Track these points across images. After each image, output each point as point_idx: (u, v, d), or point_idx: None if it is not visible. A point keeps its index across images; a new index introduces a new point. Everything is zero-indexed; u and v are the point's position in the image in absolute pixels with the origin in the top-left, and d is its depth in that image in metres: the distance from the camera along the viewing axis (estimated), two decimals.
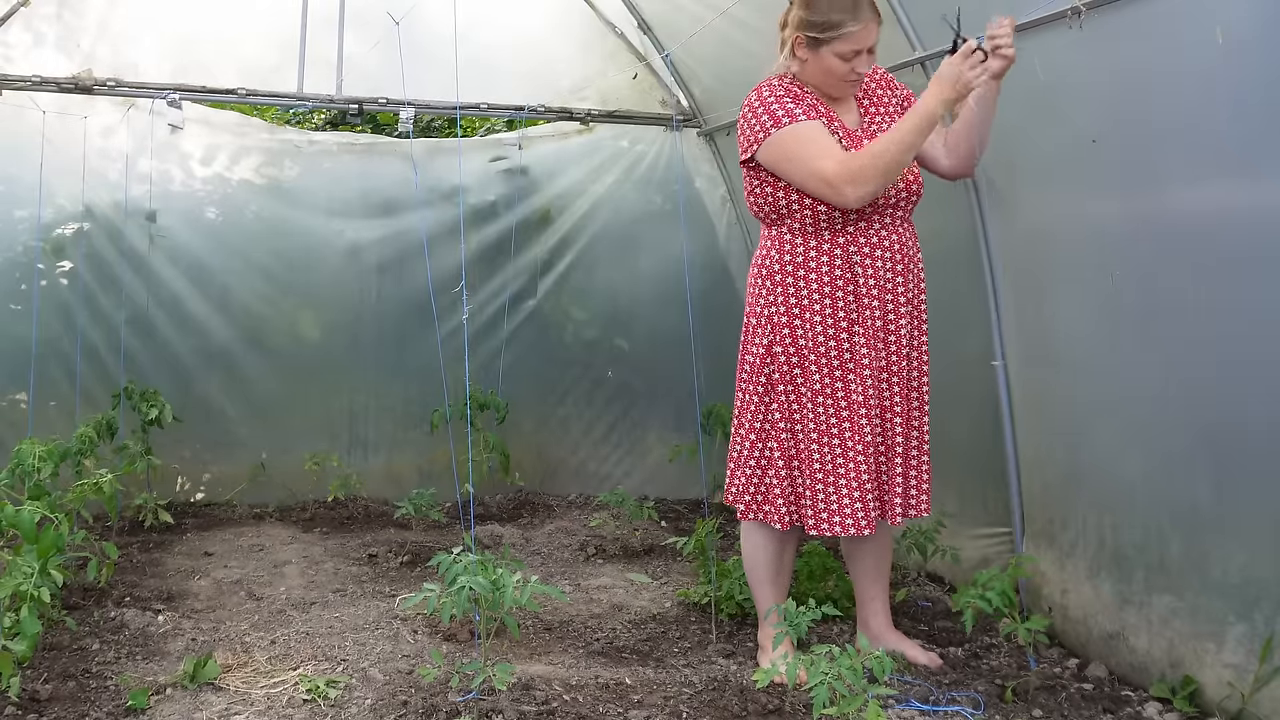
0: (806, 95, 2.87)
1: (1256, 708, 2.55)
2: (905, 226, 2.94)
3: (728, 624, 3.42)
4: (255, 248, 4.96)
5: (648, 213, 5.27)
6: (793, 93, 2.85)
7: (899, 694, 2.81)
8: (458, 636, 3.28)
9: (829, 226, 2.85)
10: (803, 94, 2.86)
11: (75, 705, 2.71)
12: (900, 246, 2.90)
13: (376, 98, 4.69)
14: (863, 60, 2.78)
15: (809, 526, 2.90)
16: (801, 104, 2.83)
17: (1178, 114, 2.63)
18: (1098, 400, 3.04)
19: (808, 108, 2.83)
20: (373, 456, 5.16)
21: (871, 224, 2.87)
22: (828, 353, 2.87)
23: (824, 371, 2.87)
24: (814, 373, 2.87)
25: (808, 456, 2.89)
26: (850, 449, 2.86)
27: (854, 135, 2.88)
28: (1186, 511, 2.75)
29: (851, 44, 2.75)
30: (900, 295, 2.91)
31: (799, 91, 2.87)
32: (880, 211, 2.86)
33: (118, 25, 4.64)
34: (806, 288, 2.86)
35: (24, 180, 4.54)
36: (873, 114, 2.95)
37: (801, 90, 2.87)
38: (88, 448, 4.00)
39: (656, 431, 5.32)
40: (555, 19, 5.13)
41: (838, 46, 2.75)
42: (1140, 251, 2.81)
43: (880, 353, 2.88)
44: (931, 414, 3.04)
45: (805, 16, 2.77)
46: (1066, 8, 2.77)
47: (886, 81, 3.01)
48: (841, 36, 2.74)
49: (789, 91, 2.85)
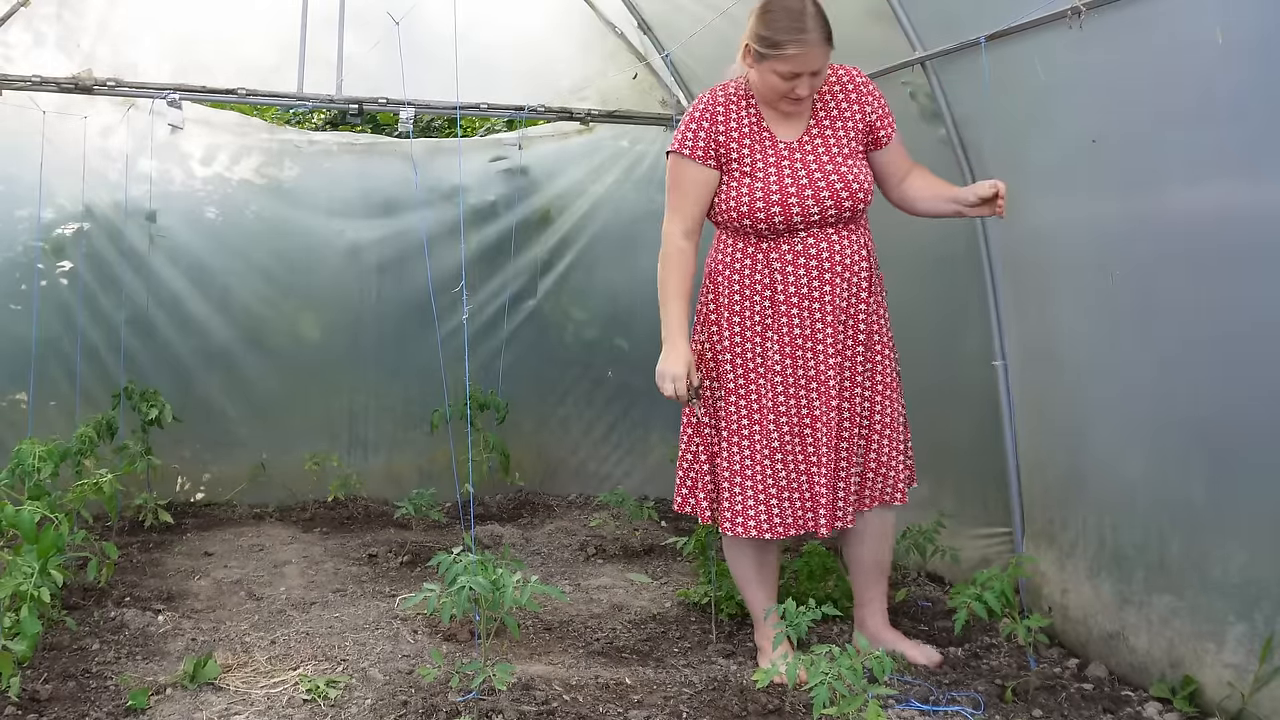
0: (738, 112, 2.84)
1: (1256, 708, 2.55)
2: (843, 235, 2.86)
3: (728, 624, 3.42)
4: (255, 248, 4.96)
5: (648, 213, 5.26)
6: (716, 113, 2.84)
7: (899, 694, 2.81)
8: (458, 636, 3.28)
9: (753, 231, 2.86)
10: (734, 110, 2.84)
11: (75, 705, 2.71)
12: (832, 255, 2.85)
13: (376, 98, 4.69)
14: (804, 83, 2.71)
15: (721, 525, 2.95)
16: (712, 130, 2.82)
17: (1178, 114, 2.62)
18: (1098, 400, 3.04)
19: (720, 135, 2.82)
20: (373, 456, 5.16)
21: (796, 233, 2.84)
22: (741, 354, 2.89)
23: (737, 372, 2.90)
24: (728, 372, 2.91)
25: (723, 454, 2.93)
26: (757, 451, 2.87)
27: (781, 154, 2.82)
28: (1186, 511, 2.74)
29: (791, 65, 2.68)
30: (828, 303, 2.84)
31: (731, 108, 2.84)
32: (807, 224, 2.84)
33: (118, 25, 4.64)
34: (728, 288, 2.91)
35: (24, 180, 4.54)
36: (823, 125, 2.86)
37: (738, 104, 2.85)
38: (88, 448, 4.01)
39: (657, 431, 5.32)
40: (555, 19, 5.12)
41: (777, 65, 2.69)
42: (1140, 251, 2.81)
43: (801, 361, 2.86)
44: (932, 414, 3.04)
45: (755, 29, 2.72)
46: (1066, 8, 2.77)
47: (858, 89, 2.90)
48: (781, 57, 2.67)
49: (714, 110, 2.84)
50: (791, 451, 2.88)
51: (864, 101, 2.90)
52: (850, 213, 2.85)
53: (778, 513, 2.88)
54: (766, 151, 2.83)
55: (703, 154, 2.84)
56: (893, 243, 3.32)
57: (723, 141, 2.84)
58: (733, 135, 2.84)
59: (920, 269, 3.61)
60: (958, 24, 3.18)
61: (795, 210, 2.80)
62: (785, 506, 2.89)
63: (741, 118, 2.85)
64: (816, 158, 2.83)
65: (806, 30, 2.64)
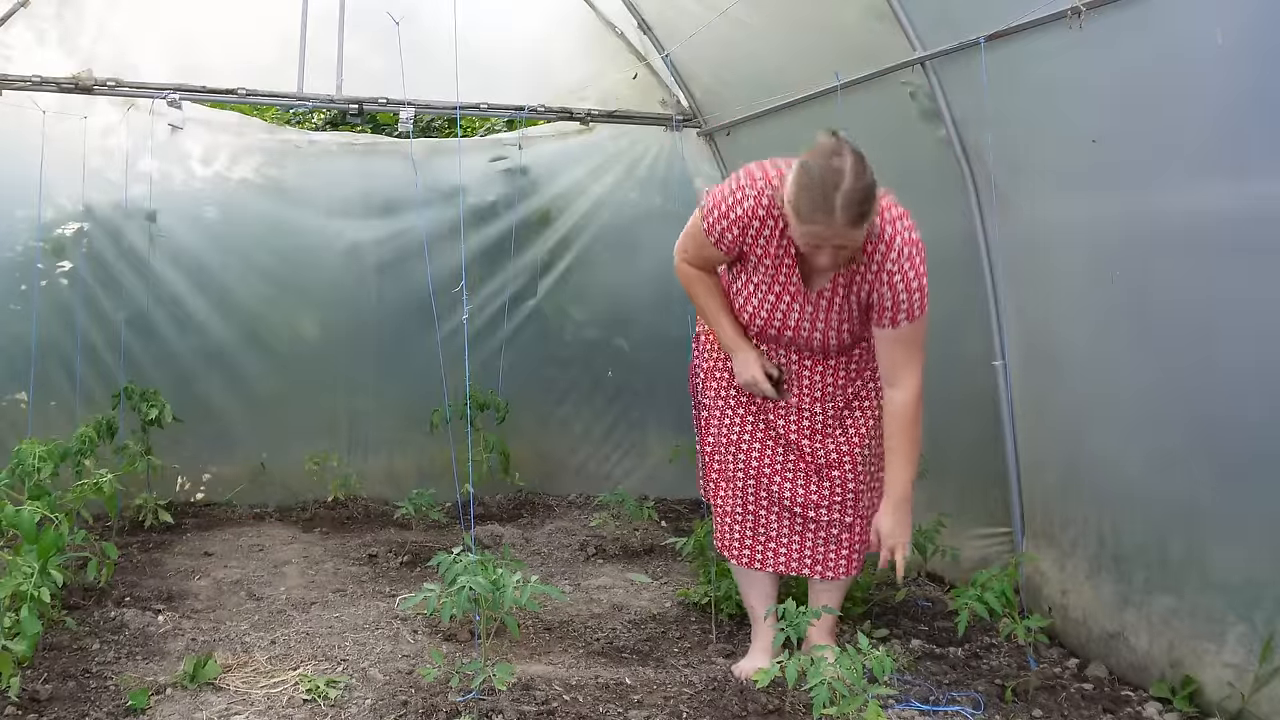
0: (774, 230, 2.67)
1: (1256, 708, 2.55)
2: (816, 363, 2.88)
3: (728, 624, 3.42)
4: (255, 248, 4.96)
5: (648, 213, 5.28)
6: (751, 225, 2.68)
7: (899, 694, 2.81)
8: (458, 636, 3.28)
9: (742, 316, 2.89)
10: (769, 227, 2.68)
11: (75, 705, 2.71)
12: (800, 372, 2.89)
13: (376, 98, 4.69)
14: (826, 254, 2.53)
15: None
16: (743, 238, 2.70)
17: (1178, 114, 2.62)
18: (1098, 400, 3.04)
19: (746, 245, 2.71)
20: (373, 456, 5.16)
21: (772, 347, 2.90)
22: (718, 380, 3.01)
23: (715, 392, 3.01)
24: (709, 389, 3.03)
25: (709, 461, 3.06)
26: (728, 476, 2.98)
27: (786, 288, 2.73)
28: (1186, 511, 2.75)
29: (810, 239, 2.51)
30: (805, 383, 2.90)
31: (769, 222, 2.67)
32: (783, 347, 2.88)
33: (118, 25, 4.64)
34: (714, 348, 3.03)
35: (24, 180, 4.54)
36: (839, 287, 2.70)
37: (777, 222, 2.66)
38: (88, 448, 4.00)
39: (656, 431, 5.32)
40: (555, 19, 5.13)
41: (800, 228, 2.51)
42: (1140, 251, 2.81)
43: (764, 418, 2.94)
44: (932, 414, 3.03)
45: (789, 186, 2.51)
46: (1066, 8, 2.77)
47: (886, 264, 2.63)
48: (803, 229, 2.50)
49: (751, 221, 2.68)
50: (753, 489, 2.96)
51: (880, 284, 2.65)
52: (826, 353, 2.87)
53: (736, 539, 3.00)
54: (778, 281, 2.76)
55: (726, 249, 2.77)
56: None
57: (747, 251, 2.75)
58: (755, 250, 2.73)
59: None
60: (958, 24, 3.18)
61: (773, 337, 2.86)
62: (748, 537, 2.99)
63: (771, 237, 2.70)
64: (815, 312, 2.76)
65: (833, 212, 2.42)
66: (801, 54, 3.96)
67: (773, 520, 2.96)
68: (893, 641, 3.26)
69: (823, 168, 2.44)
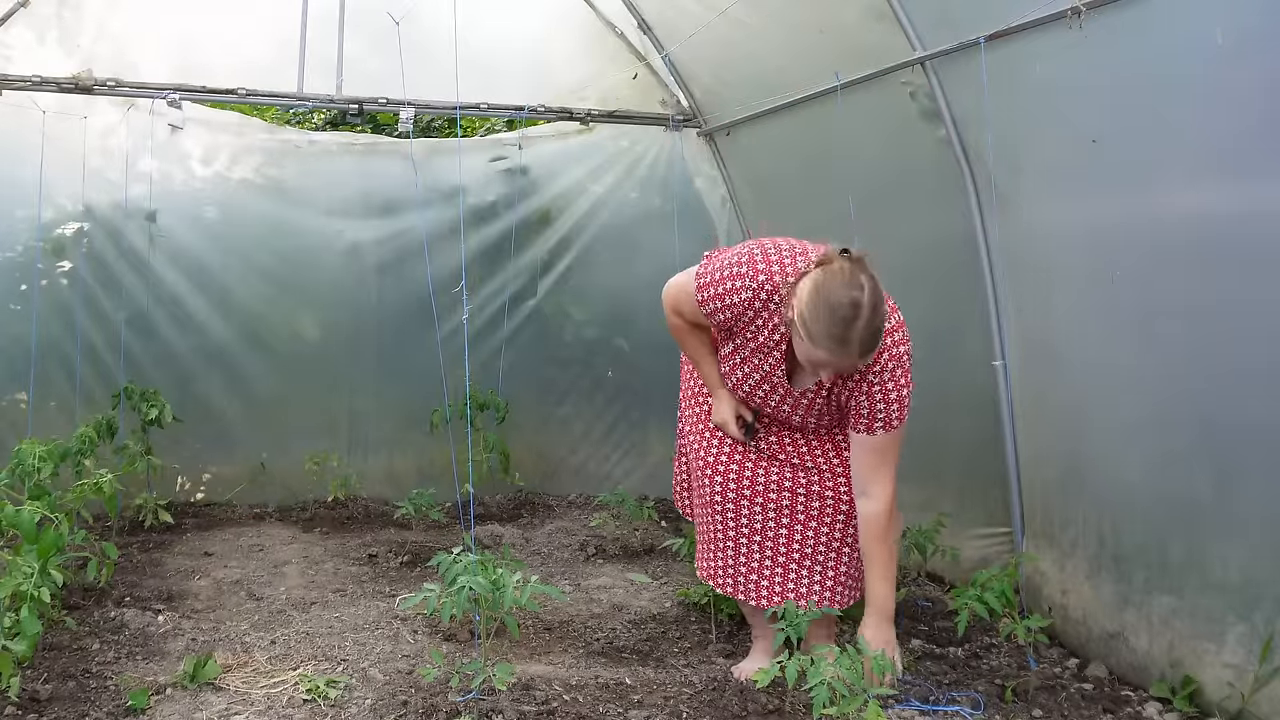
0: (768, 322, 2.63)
1: (1256, 708, 2.55)
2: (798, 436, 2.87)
3: (728, 624, 3.42)
4: (255, 248, 4.96)
5: (648, 213, 5.27)
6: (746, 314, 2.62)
7: (899, 694, 2.81)
8: (458, 636, 3.28)
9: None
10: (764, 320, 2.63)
11: (75, 705, 2.71)
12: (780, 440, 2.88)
13: (376, 98, 4.69)
14: (827, 373, 2.50)
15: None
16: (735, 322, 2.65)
17: (1178, 114, 2.63)
18: (1098, 400, 3.04)
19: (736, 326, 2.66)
20: (373, 456, 5.16)
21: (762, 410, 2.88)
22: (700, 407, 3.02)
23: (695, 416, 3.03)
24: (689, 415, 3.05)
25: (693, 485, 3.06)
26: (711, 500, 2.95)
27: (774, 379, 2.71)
28: (1186, 511, 2.75)
29: (815, 362, 2.46)
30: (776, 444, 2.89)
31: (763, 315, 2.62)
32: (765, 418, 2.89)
33: (118, 25, 4.64)
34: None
35: (24, 180, 4.54)
36: (823, 391, 2.69)
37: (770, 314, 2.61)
38: (88, 448, 4.00)
39: (656, 431, 5.32)
40: (555, 19, 5.13)
41: (805, 350, 2.45)
42: (1140, 251, 2.81)
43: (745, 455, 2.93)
44: (932, 414, 3.04)
45: (801, 305, 2.41)
46: (1066, 8, 2.77)
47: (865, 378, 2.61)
48: (813, 350, 2.42)
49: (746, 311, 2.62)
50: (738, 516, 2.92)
51: (864, 388, 2.62)
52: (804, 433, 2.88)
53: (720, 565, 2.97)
54: (759, 369, 2.73)
55: (716, 327, 2.77)
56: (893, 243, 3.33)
57: (736, 333, 2.72)
58: (746, 336, 2.70)
59: (920, 269, 3.60)
60: (958, 24, 3.18)
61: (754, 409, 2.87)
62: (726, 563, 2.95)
63: (763, 328, 2.66)
64: (795, 401, 2.74)
65: (849, 345, 2.37)
66: (801, 54, 3.96)
67: (754, 551, 2.89)
68: None
69: (840, 300, 2.34)
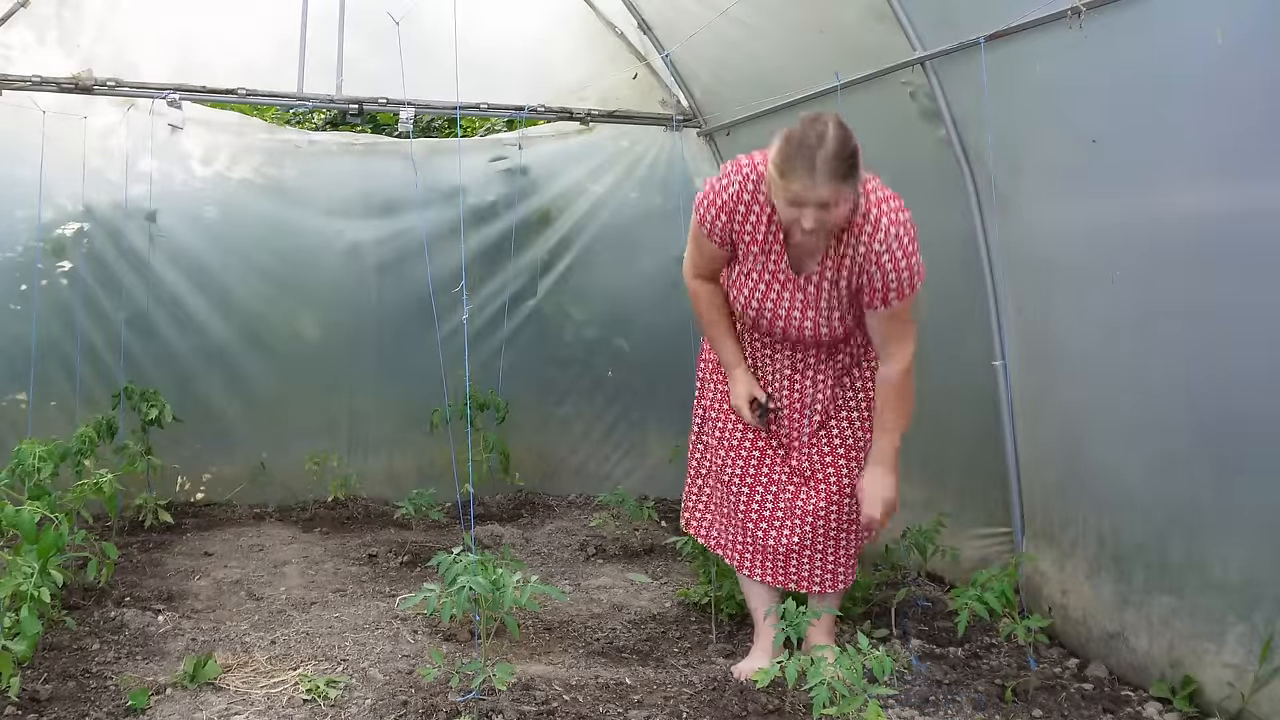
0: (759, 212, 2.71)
1: (1256, 708, 2.55)
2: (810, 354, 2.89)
3: (728, 624, 3.42)
4: (255, 248, 4.96)
5: (648, 213, 5.27)
6: (737, 210, 2.73)
7: (899, 694, 2.81)
8: (458, 636, 3.28)
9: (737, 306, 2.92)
10: (755, 210, 2.71)
11: (75, 705, 2.71)
12: (794, 363, 2.90)
13: (376, 98, 4.69)
14: (809, 215, 2.51)
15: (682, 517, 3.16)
16: (729, 225, 2.74)
17: (1178, 114, 2.63)
18: (1098, 400, 3.04)
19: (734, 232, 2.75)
20: (373, 456, 5.16)
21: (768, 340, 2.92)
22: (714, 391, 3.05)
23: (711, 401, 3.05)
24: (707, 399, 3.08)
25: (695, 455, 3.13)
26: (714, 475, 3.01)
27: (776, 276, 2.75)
28: (1186, 511, 2.75)
29: (793, 192, 2.50)
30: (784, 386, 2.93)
31: (754, 207, 2.71)
32: (777, 339, 2.90)
33: (118, 25, 4.64)
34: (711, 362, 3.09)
35: (24, 180, 4.54)
36: (826, 269, 2.71)
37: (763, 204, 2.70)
38: (88, 448, 4.00)
39: (656, 431, 5.32)
40: (555, 19, 5.13)
41: (784, 185, 2.51)
42: (1140, 252, 2.81)
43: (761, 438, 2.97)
44: (932, 414, 3.04)
45: (774, 150, 2.54)
46: (1066, 8, 2.77)
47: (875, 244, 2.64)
48: (787, 187, 2.50)
49: (736, 206, 2.73)
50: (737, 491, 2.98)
51: (869, 264, 2.66)
52: (819, 344, 2.87)
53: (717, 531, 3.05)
54: (767, 268, 2.77)
55: (719, 240, 2.81)
56: None
57: (735, 238, 2.79)
58: (744, 236, 2.77)
59: None
60: (958, 24, 3.18)
61: (764, 327, 2.87)
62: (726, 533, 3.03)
63: (759, 223, 2.73)
64: (805, 299, 2.76)
65: (815, 169, 2.45)
66: (801, 54, 3.96)
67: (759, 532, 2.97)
68: (893, 641, 3.26)
69: (805, 131, 2.49)
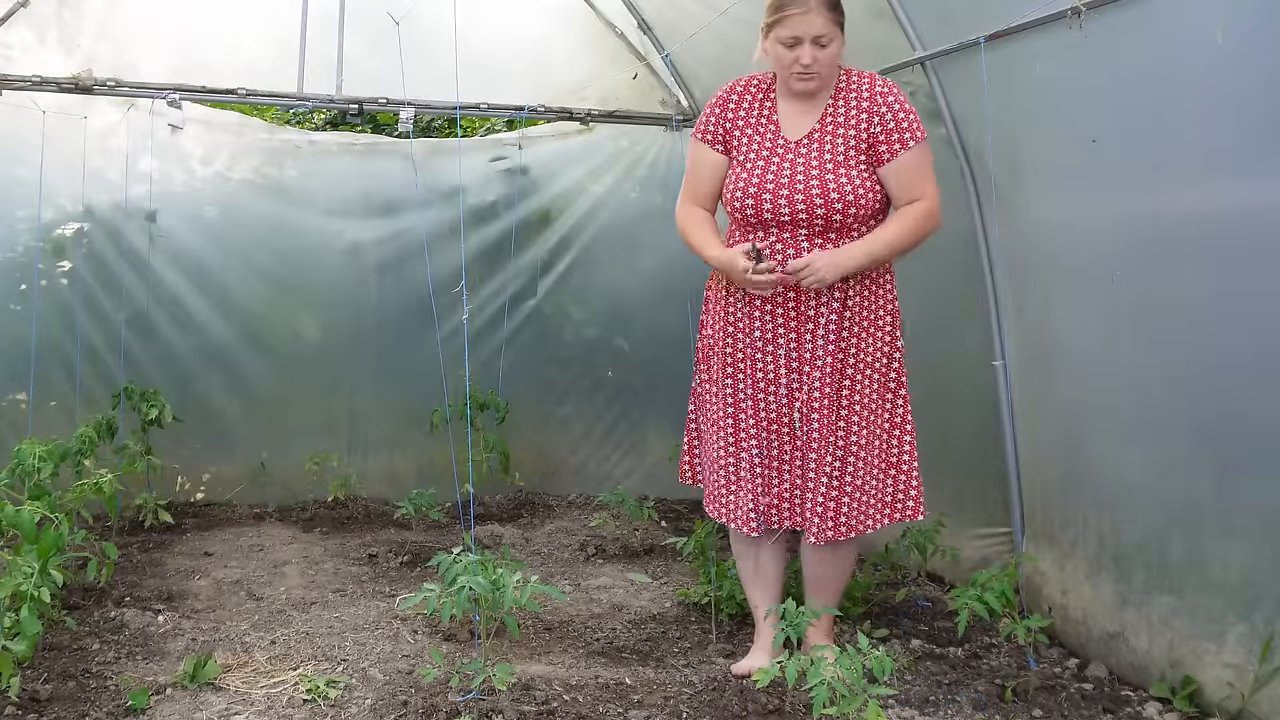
0: (753, 101, 2.91)
1: (1256, 708, 2.55)
2: (818, 245, 2.78)
3: (728, 624, 3.42)
4: (255, 248, 4.96)
5: (648, 212, 5.27)
6: (731, 100, 2.92)
7: (899, 694, 2.81)
8: (458, 636, 3.28)
9: (740, 225, 2.90)
10: (749, 100, 2.91)
11: (75, 705, 2.71)
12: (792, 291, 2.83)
13: (376, 98, 4.69)
14: (806, 51, 2.71)
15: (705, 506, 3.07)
16: (723, 116, 2.91)
17: (1178, 114, 2.63)
18: (1098, 400, 3.04)
19: (728, 123, 2.90)
20: (373, 456, 5.16)
21: (769, 231, 2.82)
22: (718, 350, 2.96)
23: (714, 366, 2.98)
24: (710, 367, 3.01)
25: (707, 437, 3.04)
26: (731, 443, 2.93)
27: (775, 150, 2.83)
28: (1186, 511, 2.74)
29: (790, 29, 2.70)
30: (791, 311, 2.82)
31: (747, 98, 2.92)
32: (779, 223, 2.79)
33: (118, 25, 4.64)
34: (715, 285, 2.99)
35: (24, 180, 4.53)
36: (826, 128, 2.81)
37: (755, 95, 2.92)
38: (88, 448, 4.00)
39: (656, 431, 5.32)
40: (555, 19, 5.12)
41: (780, 32, 2.72)
42: (1140, 251, 2.81)
43: (761, 364, 2.88)
44: (932, 414, 3.04)
45: (767, 6, 2.77)
46: (1066, 8, 2.77)
47: (873, 97, 2.79)
48: (781, 21, 2.71)
49: (729, 98, 2.93)
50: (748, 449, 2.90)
51: (875, 111, 2.79)
52: (824, 222, 2.77)
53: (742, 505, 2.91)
54: (764, 145, 2.86)
55: (713, 138, 2.91)
56: None
57: (730, 129, 2.90)
58: (738, 124, 2.90)
59: (920, 269, 3.60)
60: (957, 24, 3.18)
61: (766, 207, 2.79)
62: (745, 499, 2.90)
63: (753, 108, 2.91)
64: (806, 161, 2.80)
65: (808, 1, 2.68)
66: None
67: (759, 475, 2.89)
68: (893, 641, 3.26)
69: None
